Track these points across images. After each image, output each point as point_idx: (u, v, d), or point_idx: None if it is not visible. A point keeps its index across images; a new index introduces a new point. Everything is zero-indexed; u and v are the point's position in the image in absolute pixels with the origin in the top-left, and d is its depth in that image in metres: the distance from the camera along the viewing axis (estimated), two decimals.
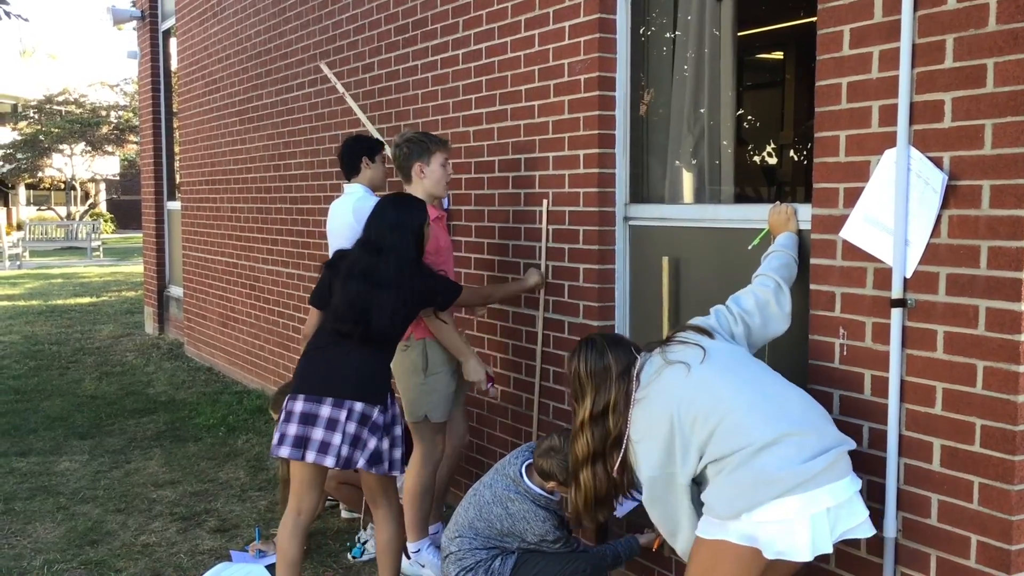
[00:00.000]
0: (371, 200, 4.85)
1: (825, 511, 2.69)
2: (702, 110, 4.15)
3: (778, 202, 3.38)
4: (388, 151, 5.15)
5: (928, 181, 2.82)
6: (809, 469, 2.67)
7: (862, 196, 3.01)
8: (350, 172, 4.96)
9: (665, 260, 3.97)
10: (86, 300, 15.77)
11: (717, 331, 3.03)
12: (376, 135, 5.51)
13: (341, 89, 5.71)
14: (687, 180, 4.25)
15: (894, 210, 2.91)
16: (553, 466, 3.63)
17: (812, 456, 2.70)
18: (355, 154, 4.89)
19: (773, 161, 8.35)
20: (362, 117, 5.66)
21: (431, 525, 4.58)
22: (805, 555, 2.68)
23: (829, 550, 2.74)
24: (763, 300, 3.12)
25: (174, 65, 10.84)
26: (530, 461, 3.78)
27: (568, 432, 3.55)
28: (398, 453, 3.84)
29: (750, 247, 3.21)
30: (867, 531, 2.82)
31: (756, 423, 2.73)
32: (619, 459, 2.94)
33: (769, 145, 8.38)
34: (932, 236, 2.84)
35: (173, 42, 10.77)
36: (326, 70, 5.77)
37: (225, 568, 4.54)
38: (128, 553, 4.80)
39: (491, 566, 3.69)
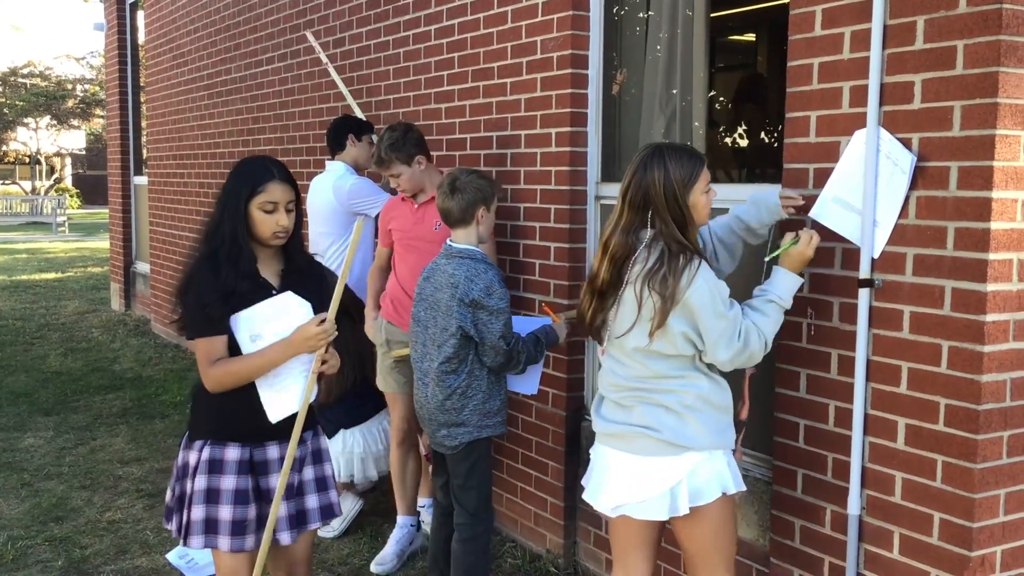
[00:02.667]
0: (352, 178, 4.86)
1: (614, 474, 2.92)
2: (674, 90, 4.15)
3: (805, 232, 2.98)
4: (375, 136, 5.14)
5: (897, 162, 2.84)
6: (601, 426, 2.98)
7: (831, 177, 3.03)
8: (335, 148, 4.99)
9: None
10: (51, 276, 15.57)
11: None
12: (356, 109, 5.48)
13: (325, 60, 5.65)
14: None
15: (863, 191, 2.93)
16: (465, 194, 3.62)
17: (611, 420, 2.94)
18: (342, 131, 4.96)
19: (744, 143, 8.37)
20: (344, 90, 5.61)
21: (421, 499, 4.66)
22: (586, 495, 3.04)
23: (596, 507, 2.98)
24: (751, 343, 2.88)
25: (141, 38, 10.68)
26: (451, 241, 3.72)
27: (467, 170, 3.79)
28: (197, 513, 2.88)
29: (767, 258, 3.03)
30: (643, 513, 2.87)
31: (608, 370, 2.97)
32: None
33: (741, 126, 8.39)
34: (900, 217, 2.86)
35: (140, 15, 10.61)
36: (312, 40, 5.70)
37: None
38: (93, 529, 4.76)
39: (454, 383, 3.59)
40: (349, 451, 4.69)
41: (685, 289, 2.71)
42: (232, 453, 2.91)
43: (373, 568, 4.32)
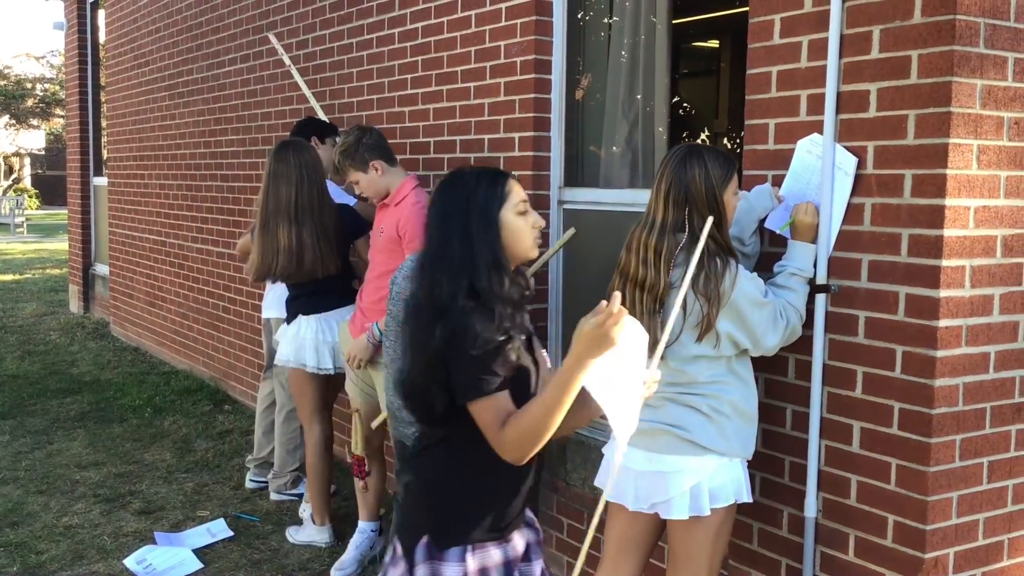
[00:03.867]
0: None
1: (635, 473, 2.90)
2: (638, 96, 4.18)
3: (800, 204, 3.00)
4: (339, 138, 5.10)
5: (839, 165, 2.89)
6: None
7: (782, 185, 3.08)
8: None
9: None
10: (9, 277, 15.32)
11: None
12: (319, 111, 5.45)
13: (288, 62, 5.63)
14: (622, 165, 4.28)
15: (811, 197, 2.98)
16: None
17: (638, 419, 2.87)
18: (306, 133, 4.93)
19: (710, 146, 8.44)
20: (307, 92, 5.58)
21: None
22: (607, 492, 2.87)
23: (629, 507, 2.93)
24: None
25: (102, 37, 10.55)
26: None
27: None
28: None
29: (779, 230, 3.07)
30: (669, 512, 2.86)
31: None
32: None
33: (704, 132, 8.47)
34: (853, 223, 2.90)
35: (101, 14, 10.48)
36: (274, 41, 5.67)
37: (149, 551, 4.47)
38: (50, 535, 4.70)
39: None
40: (302, 337, 4.55)
41: (730, 291, 2.75)
42: (496, 555, 2.26)
43: (333, 573, 4.30)
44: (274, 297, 5.04)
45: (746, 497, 2.92)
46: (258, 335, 6.30)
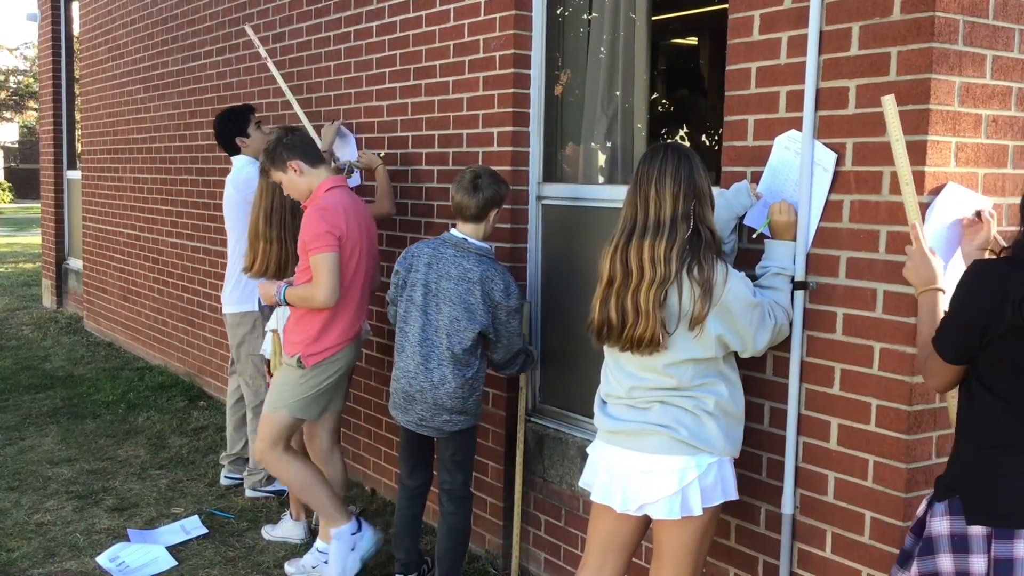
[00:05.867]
0: (252, 168, 4.83)
1: (624, 474, 2.90)
2: (616, 92, 4.17)
3: (775, 203, 3.03)
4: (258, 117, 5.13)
5: (818, 161, 2.89)
6: (610, 424, 2.96)
7: (760, 181, 3.07)
8: (233, 152, 5.03)
9: None
10: None
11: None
12: (295, 104, 5.40)
13: (264, 54, 5.57)
14: (600, 161, 4.27)
15: (789, 193, 2.97)
16: (491, 192, 3.73)
17: (622, 419, 2.91)
18: (229, 138, 4.97)
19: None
20: (283, 85, 5.53)
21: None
22: (595, 495, 3.00)
23: (617, 508, 2.91)
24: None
25: (77, 29, 10.44)
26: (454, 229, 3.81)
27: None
28: None
29: (754, 236, 3.10)
30: (660, 512, 2.85)
31: (620, 379, 2.94)
32: None
33: (682, 128, 8.47)
34: (832, 220, 2.90)
35: (76, 5, 10.37)
36: (251, 34, 5.62)
37: (123, 548, 4.42)
38: (21, 532, 4.64)
39: (469, 373, 3.73)
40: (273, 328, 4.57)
41: (722, 285, 2.76)
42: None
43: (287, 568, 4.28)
44: (228, 292, 5.09)
45: (733, 495, 2.93)
46: None
